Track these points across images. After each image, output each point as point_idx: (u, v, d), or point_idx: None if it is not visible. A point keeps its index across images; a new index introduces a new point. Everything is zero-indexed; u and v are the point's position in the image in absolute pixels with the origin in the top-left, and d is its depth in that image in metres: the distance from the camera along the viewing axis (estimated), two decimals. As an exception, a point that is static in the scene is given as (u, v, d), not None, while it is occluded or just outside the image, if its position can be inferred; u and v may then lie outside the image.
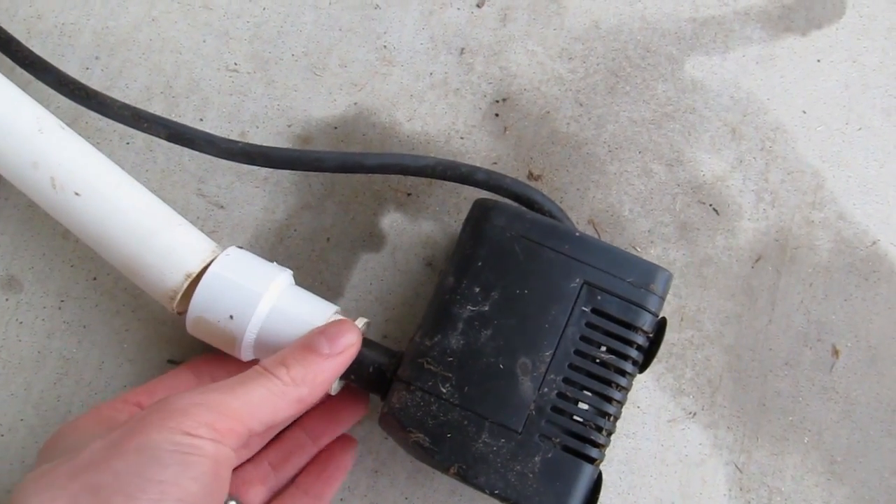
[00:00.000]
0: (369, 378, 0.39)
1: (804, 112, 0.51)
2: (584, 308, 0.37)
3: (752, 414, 0.47)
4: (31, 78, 0.44)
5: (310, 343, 0.36)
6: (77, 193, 0.40)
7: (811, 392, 0.47)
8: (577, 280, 0.37)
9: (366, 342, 0.40)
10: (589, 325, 0.37)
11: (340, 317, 0.40)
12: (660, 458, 0.46)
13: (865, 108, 0.51)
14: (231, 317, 0.38)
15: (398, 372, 0.38)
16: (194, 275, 0.40)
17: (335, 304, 0.41)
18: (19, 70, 0.44)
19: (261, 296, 0.38)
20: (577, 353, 0.37)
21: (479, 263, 0.38)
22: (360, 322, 0.40)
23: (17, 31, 0.46)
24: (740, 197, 0.49)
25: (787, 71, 0.51)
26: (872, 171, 0.50)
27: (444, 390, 0.37)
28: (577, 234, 0.38)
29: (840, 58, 0.52)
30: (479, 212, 0.39)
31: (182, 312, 0.40)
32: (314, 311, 0.39)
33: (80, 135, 0.42)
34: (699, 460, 0.46)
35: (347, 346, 0.36)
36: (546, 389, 0.36)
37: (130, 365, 0.45)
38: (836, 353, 0.48)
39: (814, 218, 0.49)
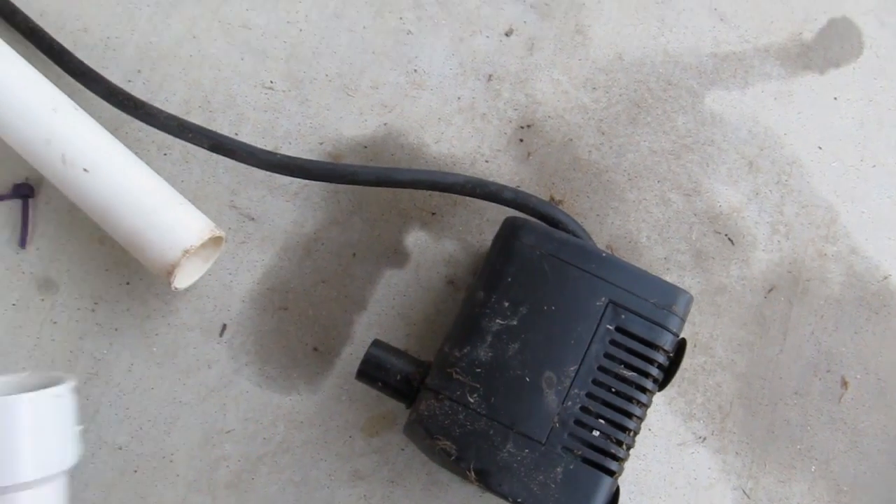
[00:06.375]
0: (396, 386, 0.43)
1: (820, 148, 0.55)
2: (608, 326, 0.41)
3: (761, 441, 0.50)
4: (80, 87, 0.49)
5: None
6: (86, 170, 0.45)
7: (820, 421, 0.51)
8: (603, 299, 0.42)
9: (393, 350, 0.44)
10: (613, 342, 0.41)
11: None
12: (669, 481, 0.49)
13: (880, 145, 0.55)
14: None
15: (426, 381, 0.42)
16: (192, 251, 0.44)
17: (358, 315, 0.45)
18: (68, 78, 0.49)
19: None
20: (601, 369, 0.41)
21: (509, 279, 0.42)
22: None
23: (65, 43, 0.50)
24: (755, 228, 0.53)
25: (804, 107, 0.55)
26: (886, 207, 0.54)
27: (471, 400, 0.41)
28: (604, 254, 0.42)
29: (856, 96, 0.56)
30: (509, 230, 0.43)
31: (178, 288, 0.46)
32: None
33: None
34: (707, 484, 0.50)
35: None
36: (570, 403, 0.40)
37: (158, 368, 0.49)
38: (845, 384, 0.52)
39: (827, 251, 0.53)
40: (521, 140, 0.53)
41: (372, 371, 0.44)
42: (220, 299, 0.50)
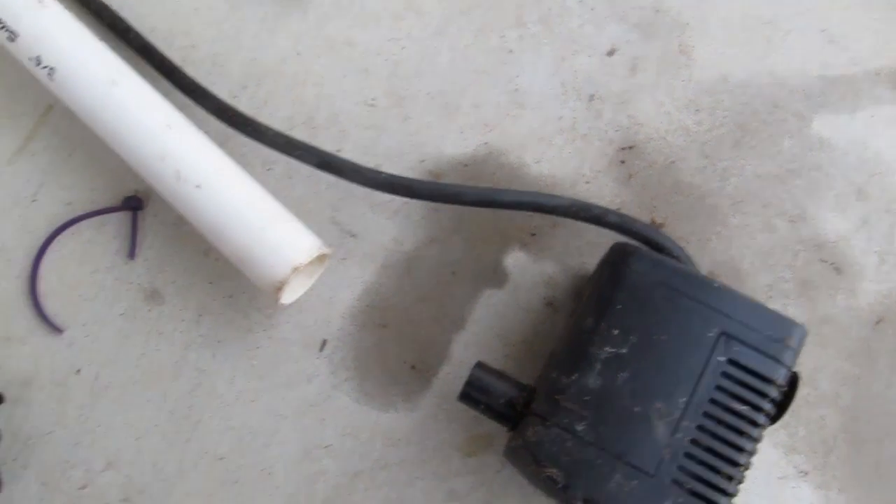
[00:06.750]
0: (500, 409, 0.43)
1: (932, 175, 0.53)
2: (720, 358, 0.41)
3: (866, 477, 0.49)
4: (188, 102, 0.50)
5: None
6: (198, 186, 0.46)
7: (929, 460, 0.49)
8: (715, 330, 0.41)
9: (496, 373, 0.44)
10: (725, 375, 0.41)
11: None
12: (770, 514, 0.48)
13: None
14: None
15: (532, 406, 0.42)
16: (301, 268, 0.45)
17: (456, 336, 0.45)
18: (177, 93, 0.50)
19: None
20: (712, 401, 0.40)
21: (619, 307, 0.42)
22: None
23: (173, 60, 0.52)
24: (863, 258, 0.52)
25: (916, 133, 0.54)
26: None
27: (579, 428, 0.40)
28: (717, 283, 0.41)
29: (972, 122, 0.54)
30: (619, 256, 0.43)
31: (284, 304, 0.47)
32: None
33: (226, 159, 0.48)
34: (810, 520, 0.48)
35: None
36: (680, 435, 0.40)
37: (260, 381, 0.50)
38: (956, 422, 0.50)
39: (938, 283, 0.52)
40: (623, 162, 0.53)
41: (475, 394, 0.44)
42: (320, 315, 0.50)
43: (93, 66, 0.48)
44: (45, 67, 0.48)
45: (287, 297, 0.47)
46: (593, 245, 0.51)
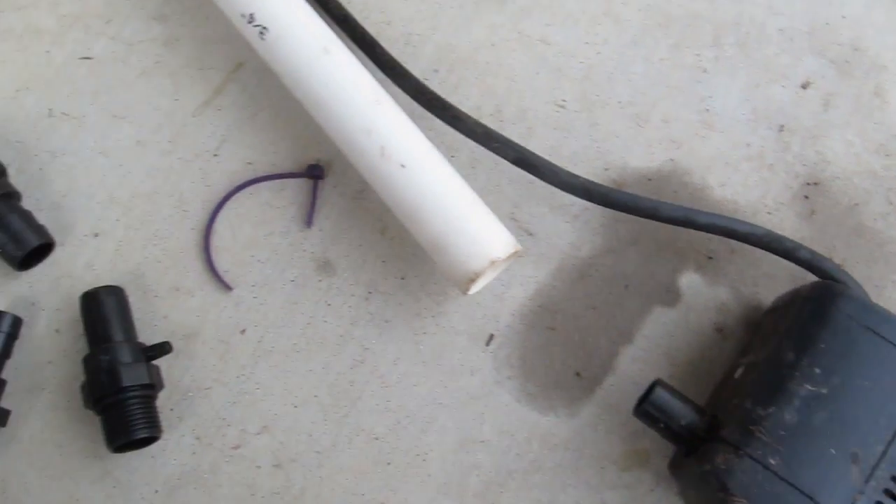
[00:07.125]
0: (678, 431, 0.43)
1: None
2: None
3: None
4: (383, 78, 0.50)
5: None
6: (403, 165, 0.46)
7: None
8: None
9: (677, 394, 0.44)
10: None
11: None
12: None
13: None
14: None
15: (723, 433, 0.41)
16: (498, 262, 0.45)
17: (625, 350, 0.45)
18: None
19: None
20: None
21: (822, 346, 0.41)
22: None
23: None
24: None
25: None
26: None
27: (772, 462, 0.40)
28: None
29: None
30: (825, 294, 0.43)
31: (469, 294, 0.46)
32: None
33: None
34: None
35: None
36: (873, 483, 0.40)
37: (423, 367, 0.50)
38: None
39: None
40: (807, 197, 0.52)
41: (654, 411, 0.44)
42: (490, 309, 0.50)
43: (307, 32, 0.48)
44: (257, 26, 0.48)
45: (475, 289, 0.46)
46: (769, 276, 0.51)
